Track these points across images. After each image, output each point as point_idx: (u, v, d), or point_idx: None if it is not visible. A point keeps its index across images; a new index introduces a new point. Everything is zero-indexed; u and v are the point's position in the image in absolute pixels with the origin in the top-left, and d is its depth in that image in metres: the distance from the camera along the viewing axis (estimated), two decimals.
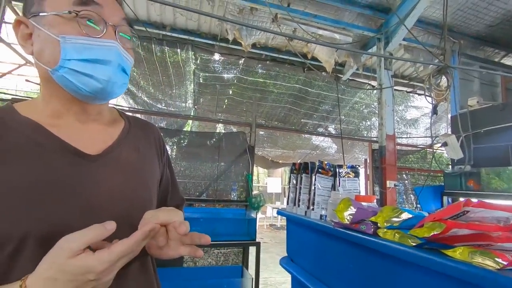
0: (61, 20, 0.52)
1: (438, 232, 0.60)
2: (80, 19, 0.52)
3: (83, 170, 0.53)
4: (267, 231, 8.67)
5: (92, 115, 0.60)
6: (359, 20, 3.36)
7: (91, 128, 0.59)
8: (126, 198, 0.56)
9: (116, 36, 0.55)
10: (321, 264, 1.16)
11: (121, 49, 0.55)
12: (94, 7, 0.53)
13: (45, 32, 0.52)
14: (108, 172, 0.56)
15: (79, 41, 0.51)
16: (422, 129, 6.24)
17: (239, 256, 3.14)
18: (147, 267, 0.61)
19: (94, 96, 0.54)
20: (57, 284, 0.40)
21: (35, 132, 0.52)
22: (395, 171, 3.20)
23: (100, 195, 0.53)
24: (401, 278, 0.75)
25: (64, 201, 0.49)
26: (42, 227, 0.46)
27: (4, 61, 3.78)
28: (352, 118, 5.67)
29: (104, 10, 0.54)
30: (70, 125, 0.56)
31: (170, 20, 3.50)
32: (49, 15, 0.52)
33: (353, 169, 1.26)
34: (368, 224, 0.84)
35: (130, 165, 0.60)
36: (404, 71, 4.63)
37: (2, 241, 0.44)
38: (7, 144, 0.49)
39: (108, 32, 0.54)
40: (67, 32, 0.51)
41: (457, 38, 3.47)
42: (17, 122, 0.52)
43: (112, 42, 0.54)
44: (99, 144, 0.58)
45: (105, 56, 0.53)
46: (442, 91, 2.26)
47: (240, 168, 3.30)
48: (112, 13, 0.56)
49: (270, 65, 4.26)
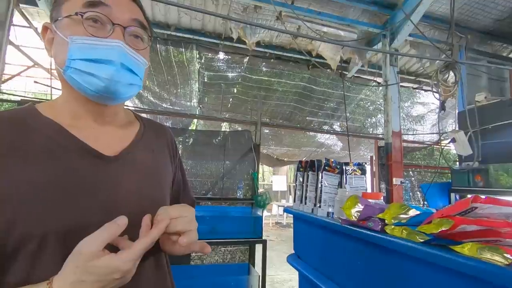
0: (72, 22, 0.54)
1: (446, 229, 0.60)
2: (87, 20, 0.53)
3: (101, 170, 0.54)
4: (273, 229, 8.69)
5: (108, 117, 0.61)
6: (364, 16, 3.33)
7: (108, 129, 0.61)
8: (142, 198, 0.58)
9: (124, 36, 0.56)
10: (328, 261, 1.17)
11: (127, 48, 0.56)
12: (102, 8, 0.54)
13: (59, 35, 0.54)
14: (125, 173, 0.58)
15: (84, 41, 0.53)
16: (429, 126, 6.17)
17: (245, 254, 3.16)
18: (161, 264, 0.63)
19: (99, 95, 0.55)
20: (85, 286, 0.43)
21: (56, 133, 0.54)
22: (402, 168, 3.18)
23: (117, 195, 0.55)
24: (409, 274, 0.75)
25: (84, 201, 0.51)
26: (63, 225, 0.48)
27: (13, 63, 3.84)
28: (358, 115, 5.64)
29: (113, 10, 0.55)
30: (88, 126, 0.58)
31: (174, 19, 3.51)
32: (64, 19, 0.54)
33: (359, 166, 1.26)
34: (376, 221, 0.84)
35: (145, 166, 0.62)
36: (410, 67, 4.58)
37: (24, 239, 0.46)
38: (30, 145, 0.51)
39: (116, 32, 0.55)
40: (75, 33, 0.53)
41: (464, 33, 3.42)
42: (39, 123, 0.54)
43: (115, 42, 0.54)
44: (115, 145, 0.59)
45: (107, 56, 0.53)
46: (449, 87, 2.23)
47: (245, 166, 3.32)
48: (122, 13, 0.56)
49: (274, 63, 4.25)
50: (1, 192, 0.46)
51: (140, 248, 0.47)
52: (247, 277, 2.79)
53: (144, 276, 0.57)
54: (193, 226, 0.56)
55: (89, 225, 0.49)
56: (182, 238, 0.53)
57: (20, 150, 0.49)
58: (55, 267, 0.46)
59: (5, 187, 0.46)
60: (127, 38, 0.57)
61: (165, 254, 0.65)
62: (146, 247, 0.48)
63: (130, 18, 0.58)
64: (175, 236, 0.54)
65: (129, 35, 0.57)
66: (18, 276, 0.46)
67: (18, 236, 0.46)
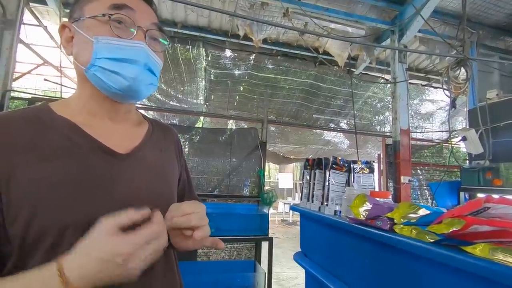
0: (97, 23, 0.56)
1: (458, 229, 0.59)
2: (113, 21, 0.56)
3: (114, 168, 0.56)
4: (278, 226, 8.70)
5: (122, 114, 0.64)
6: (372, 12, 3.28)
7: (120, 127, 0.63)
8: (152, 195, 0.60)
9: (146, 39, 0.59)
10: (335, 259, 1.16)
11: (149, 50, 0.59)
12: (127, 11, 0.57)
13: (82, 34, 0.56)
14: (136, 171, 0.59)
15: (110, 42, 0.56)
16: (438, 124, 6.08)
17: (251, 251, 3.17)
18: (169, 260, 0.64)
19: (122, 93, 0.58)
20: (90, 260, 0.43)
21: (71, 131, 0.55)
22: (410, 166, 3.15)
23: (130, 191, 0.56)
24: (418, 274, 0.74)
25: (99, 197, 0.52)
26: (80, 220, 0.49)
27: (24, 61, 3.91)
28: (365, 113, 5.59)
29: (136, 14, 0.58)
30: (102, 124, 0.60)
31: (181, 17, 3.52)
32: (87, 19, 0.56)
33: (367, 164, 1.25)
34: (384, 220, 0.83)
35: (154, 164, 0.64)
36: (419, 64, 4.50)
37: (42, 233, 0.47)
38: (46, 142, 0.52)
39: (138, 34, 0.58)
40: (100, 33, 0.56)
41: (475, 28, 3.35)
42: (54, 121, 0.55)
43: (140, 43, 0.57)
44: (127, 143, 0.61)
45: (133, 56, 0.57)
46: (460, 84, 2.18)
47: (252, 163, 3.32)
48: (144, 17, 0.60)
49: (281, 60, 4.23)
50: (20, 189, 0.47)
51: (145, 232, 0.46)
52: (253, 274, 2.80)
53: (154, 272, 0.57)
54: (205, 221, 0.57)
55: None
56: (197, 232, 0.54)
57: (36, 148, 0.51)
58: None
59: (24, 184, 0.47)
60: (148, 41, 0.60)
61: (173, 251, 0.66)
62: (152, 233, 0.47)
63: (151, 22, 0.61)
64: (189, 231, 0.56)
65: (149, 37, 0.60)
66: None
67: (37, 230, 0.47)
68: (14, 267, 0.47)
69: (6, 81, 2.38)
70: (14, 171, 0.48)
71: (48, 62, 3.48)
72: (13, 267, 0.47)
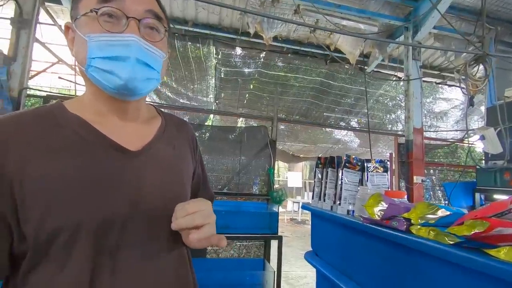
0: (88, 19, 0.53)
1: (481, 231, 0.57)
2: (102, 16, 0.53)
3: (126, 165, 0.55)
4: (287, 225, 8.67)
5: (131, 113, 0.61)
6: (386, 8, 3.21)
7: (130, 126, 0.61)
8: (164, 192, 0.59)
9: (139, 29, 0.54)
10: (347, 259, 1.14)
11: (142, 42, 0.54)
12: (115, 2, 0.53)
13: (78, 34, 0.54)
14: (148, 168, 0.58)
15: (101, 39, 0.52)
16: (452, 122, 5.93)
17: (260, 249, 3.16)
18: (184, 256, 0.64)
19: (118, 92, 0.55)
20: None
21: (83, 129, 0.55)
22: (423, 166, 3.08)
23: (142, 189, 0.55)
24: (436, 277, 0.72)
25: (112, 194, 0.52)
26: (92, 219, 0.49)
27: (39, 59, 4.00)
28: (377, 111, 5.50)
29: (126, 3, 0.54)
30: (112, 122, 0.59)
31: (192, 15, 3.53)
32: (81, 17, 0.54)
33: (381, 163, 1.22)
34: (401, 221, 0.81)
35: (166, 161, 0.62)
36: (434, 61, 4.39)
37: (56, 232, 0.47)
38: (59, 139, 0.52)
39: (130, 26, 0.53)
40: (92, 31, 0.53)
41: (493, 24, 3.24)
42: (67, 119, 0.55)
43: (130, 37, 0.53)
44: (138, 140, 0.60)
45: (123, 53, 0.53)
46: (478, 81, 2.11)
47: (261, 162, 3.31)
48: (135, 5, 0.55)
49: (291, 58, 4.19)
50: (32, 187, 0.47)
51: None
52: (262, 272, 2.80)
53: (167, 268, 0.58)
54: (211, 219, 0.55)
55: (116, 218, 0.51)
56: (192, 234, 0.52)
57: (47, 144, 0.50)
58: (86, 260, 0.48)
59: (36, 181, 0.47)
60: (143, 31, 0.55)
61: (187, 247, 0.65)
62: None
63: (145, 9, 0.56)
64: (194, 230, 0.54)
65: (144, 27, 0.56)
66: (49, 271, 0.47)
67: (50, 229, 0.47)
68: (28, 266, 0.47)
69: (22, 79, 2.44)
70: (26, 168, 0.47)
71: (62, 61, 3.55)
72: (28, 266, 0.47)
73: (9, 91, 2.37)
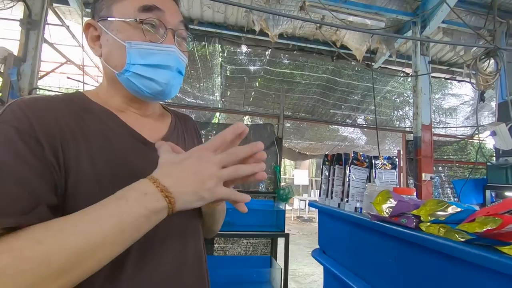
0: (128, 26, 0.55)
1: (493, 228, 0.56)
2: (144, 25, 0.55)
3: (147, 155, 0.57)
4: (294, 223, 8.67)
5: (148, 111, 0.65)
6: (393, 3, 3.16)
7: (147, 121, 0.64)
8: None
9: (175, 40, 0.59)
10: (355, 257, 1.14)
11: (179, 53, 0.59)
12: (156, 13, 0.56)
13: (113, 37, 0.55)
14: None
15: (143, 47, 0.55)
16: (461, 119, 5.83)
17: (267, 246, 3.17)
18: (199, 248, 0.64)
19: (154, 96, 0.59)
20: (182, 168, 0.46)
21: (108, 117, 0.56)
22: (431, 163, 3.03)
23: None
24: (446, 274, 0.71)
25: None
26: None
27: (48, 60, 4.07)
28: (384, 108, 5.44)
29: (165, 15, 0.57)
30: (132, 117, 0.61)
31: (197, 14, 3.53)
32: (117, 21, 0.56)
33: (390, 160, 1.21)
34: (410, 218, 0.80)
35: None
36: (442, 57, 4.31)
37: None
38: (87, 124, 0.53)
39: (169, 37, 0.58)
40: (133, 38, 0.55)
41: (504, 17, 3.15)
42: (91, 107, 0.56)
43: (171, 47, 0.57)
44: (155, 134, 0.63)
45: (165, 61, 0.57)
46: (488, 76, 2.06)
47: (268, 160, 3.30)
48: (172, 17, 0.59)
49: (297, 55, 4.16)
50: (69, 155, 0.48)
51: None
52: (269, 269, 2.81)
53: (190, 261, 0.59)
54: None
55: None
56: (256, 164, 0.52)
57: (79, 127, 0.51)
58: None
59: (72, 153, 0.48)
60: (176, 41, 0.59)
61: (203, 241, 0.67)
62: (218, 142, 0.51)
63: (179, 21, 0.60)
64: None
65: (177, 37, 0.60)
66: None
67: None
68: None
69: (32, 80, 2.48)
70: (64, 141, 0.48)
71: (70, 61, 3.60)
72: None
73: (19, 91, 2.41)
